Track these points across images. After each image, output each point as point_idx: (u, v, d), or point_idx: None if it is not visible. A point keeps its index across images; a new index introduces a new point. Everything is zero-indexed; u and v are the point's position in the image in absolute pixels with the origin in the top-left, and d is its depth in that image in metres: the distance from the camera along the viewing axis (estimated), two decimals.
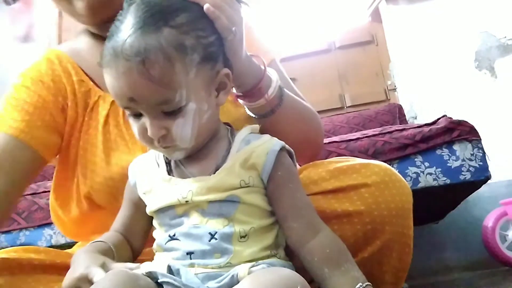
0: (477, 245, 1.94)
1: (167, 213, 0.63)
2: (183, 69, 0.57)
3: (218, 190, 0.60)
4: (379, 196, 0.70)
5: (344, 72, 2.62)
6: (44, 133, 0.79)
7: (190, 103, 0.59)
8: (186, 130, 0.60)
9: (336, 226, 0.69)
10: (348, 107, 2.58)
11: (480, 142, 1.49)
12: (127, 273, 0.55)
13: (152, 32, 0.56)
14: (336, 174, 0.74)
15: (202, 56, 0.59)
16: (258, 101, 0.75)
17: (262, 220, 0.63)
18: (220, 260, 0.58)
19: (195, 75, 0.59)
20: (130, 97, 0.57)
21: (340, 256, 0.59)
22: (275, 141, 0.65)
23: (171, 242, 0.61)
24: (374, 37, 2.66)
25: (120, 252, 0.65)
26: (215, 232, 0.59)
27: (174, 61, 0.56)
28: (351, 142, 1.49)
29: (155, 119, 0.59)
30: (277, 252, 0.64)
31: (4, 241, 1.52)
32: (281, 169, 0.63)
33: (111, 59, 0.57)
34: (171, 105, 0.58)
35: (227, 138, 0.66)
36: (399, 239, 0.71)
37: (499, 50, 2.36)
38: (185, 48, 0.57)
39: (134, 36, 0.56)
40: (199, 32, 0.60)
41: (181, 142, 0.60)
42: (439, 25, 2.44)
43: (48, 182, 1.63)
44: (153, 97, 0.57)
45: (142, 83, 0.55)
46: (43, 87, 0.82)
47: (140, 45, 0.55)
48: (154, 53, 0.55)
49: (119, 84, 0.57)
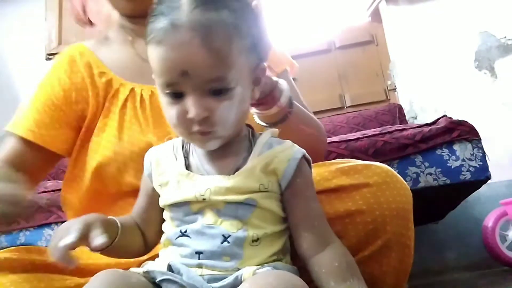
0: (477, 245, 1.94)
1: (182, 208, 0.62)
2: (239, 50, 0.58)
3: (237, 192, 0.60)
4: (381, 196, 0.71)
5: (344, 72, 2.62)
6: (52, 130, 0.86)
7: (238, 86, 0.59)
8: (231, 114, 0.59)
9: (339, 227, 0.69)
10: (348, 107, 2.58)
11: (480, 142, 1.49)
12: (118, 271, 0.55)
13: (213, 10, 0.57)
14: (338, 175, 0.75)
15: (251, 44, 0.61)
16: (271, 109, 0.76)
17: (275, 226, 0.63)
18: (229, 264, 0.58)
19: (245, 60, 0.60)
20: (184, 70, 0.56)
21: (347, 271, 0.59)
22: (296, 149, 0.65)
23: (182, 238, 0.61)
24: (374, 37, 2.65)
25: (127, 233, 0.64)
26: (229, 235, 0.59)
27: (233, 39, 0.57)
28: (351, 142, 1.49)
29: (201, 98, 0.58)
30: (284, 257, 0.64)
31: (4, 241, 1.52)
32: (300, 176, 0.63)
33: (166, 33, 0.57)
34: (223, 83, 0.58)
35: (248, 139, 0.66)
36: (399, 239, 0.71)
37: (499, 50, 2.36)
38: (241, 31, 0.59)
39: (196, 11, 0.57)
40: (251, 22, 0.61)
41: (222, 127, 0.59)
42: (439, 25, 2.44)
43: (48, 182, 1.63)
44: (208, 71, 0.56)
45: (202, 54, 0.56)
46: (58, 84, 0.89)
47: (204, 18, 0.56)
48: (218, 26, 0.56)
49: (174, 56, 0.57)
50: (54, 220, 1.50)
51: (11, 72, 2.70)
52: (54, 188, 1.56)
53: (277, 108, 0.76)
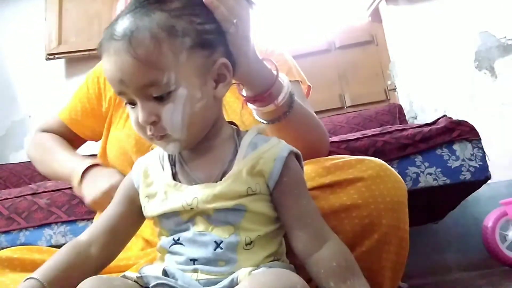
0: (477, 245, 1.94)
1: (172, 219, 0.62)
2: (171, 51, 0.57)
3: (224, 198, 0.59)
4: (375, 190, 0.71)
5: (344, 72, 2.62)
6: (79, 117, 1.06)
7: (181, 88, 0.58)
8: (176, 116, 0.58)
9: (335, 222, 0.69)
10: (348, 107, 2.58)
11: (480, 142, 1.49)
12: (100, 277, 0.55)
13: (143, 14, 0.57)
14: (332, 170, 0.75)
15: (196, 42, 0.59)
16: (268, 107, 0.75)
17: (268, 226, 0.62)
18: (224, 268, 0.58)
19: (187, 59, 0.58)
20: (120, 79, 0.57)
21: (346, 270, 0.58)
22: (282, 146, 0.64)
23: (175, 246, 0.61)
24: (374, 37, 2.65)
25: (61, 277, 0.60)
26: (221, 241, 0.58)
27: (162, 41, 0.56)
28: (351, 142, 1.49)
29: (146, 104, 0.58)
30: (280, 258, 0.64)
31: (4, 241, 1.52)
32: (287, 175, 0.62)
33: (104, 44, 0.58)
34: (159, 88, 0.57)
35: (233, 140, 0.65)
36: (395, 232, 0.71)
37: (499, 50, 2.36)
38: (175, 31, 0.57)
39: (126, 17, 0.57)
40: (194, 18, 0.60)
41: (172, 130, 0.59)
42: (439, 25, 2.44)
43: (48, 182, 1.63)
44: (140, 78, 0.56)
45: (129, 63, 0.56)
46: (92, 81, 1.04)
47: (129, 25, 0.56)
48: (141, 32, 0.56)
49: (110, 66, 0.58)
50: (54, 220, 1.50)
51: (11, 72, 2.70)
52: (54, 188, 1.56)
53: (273, 106, 0.75)
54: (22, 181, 2.16)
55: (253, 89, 0.74)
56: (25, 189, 1.61)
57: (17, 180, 2.19)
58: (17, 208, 1.53)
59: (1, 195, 1.59)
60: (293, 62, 1.02)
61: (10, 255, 0.72)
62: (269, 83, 0.74)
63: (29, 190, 1.58)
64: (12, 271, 0.69)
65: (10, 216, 1.52)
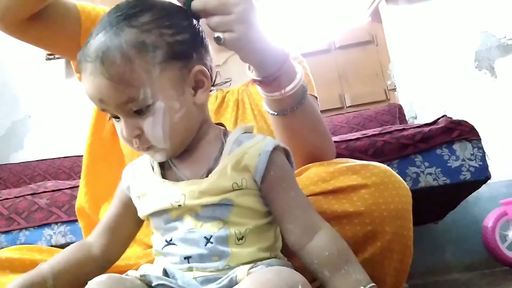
0: (477, 245, 1.94)
1: (162, 217, 0.63)
2: (144, 67, 0.57)
3: (210, 194, 0.60)
4: (379, 197, 0.70)
5: (344, 72, 2.62)
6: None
7: (158, 101, 0.58)
8: (157, 129, 0.59)
9: (336, 227, 0.68)
10: (348, 107, 2.58)
11: (480, 142, 1.49)
12: (113, 276, 0.55)
13: (112, 33, 0.57)
14: (336, 175, 0.74)
15: (168, 54, 0.59)
16: (273, 94, 0.74)
17: (257, 220, 0.62)
18: (218, 263, 0.58)
19: (160, 73, 0.58)
20: (99, 99, 0.58)
21: (340, 258, 0.58)
22: (268, 141, 0.63)
23: (168, 247, 0.61)
24: (374, 37, 2.65)
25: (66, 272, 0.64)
26: (210, 236, 0.59)
27: (133, 59, 0.56)
28: (351, 142, 1.49)
29: (128, 119, 0.59)
30: (276, 253, 0.64)
31: (4, 241, 1.52)
32: (273, 169, 0.62)
33: (80, 64, 0.59)
34: (137, 104, 0.57)
35: (220, 139, 0.65)
36: (399, 240, 0.71)
37: (499, 50, 2.36)
38: (145, 46, 0.57)
39: (96, 38, 0.57)
40: (165, 30, 0.59)
41: (156, 142, 0.60)
42: (439, 25, 2.44)
43: (48, 182, 1.63)
44: (116, 97, 0.57)
45: (104, 83, 0.56)
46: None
47: (100, 46, 0.57)
48: (111, 52, 0.56)
49: (88, 86, 0.58)
50: (54, 220, 1.50)
51: (11, 72, 2.70)
52: (54, 188, 1.56)
53: (279, 95, 0.74)
54: (22, 181, 2.17)
55: (260, 71, 0.72)
56: (25, 189, 1.61)
57: (17, 180, 2.19)
58: (17, 208, 1.53)
59: (1, 195, 1.59)
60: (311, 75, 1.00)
61: (10, 256, 0.72)
62: (277, 67, 0.72)
63: (29, 190, 1.58)
64: (13, 272, 0.70)
65: (10, 216, 1.52)
